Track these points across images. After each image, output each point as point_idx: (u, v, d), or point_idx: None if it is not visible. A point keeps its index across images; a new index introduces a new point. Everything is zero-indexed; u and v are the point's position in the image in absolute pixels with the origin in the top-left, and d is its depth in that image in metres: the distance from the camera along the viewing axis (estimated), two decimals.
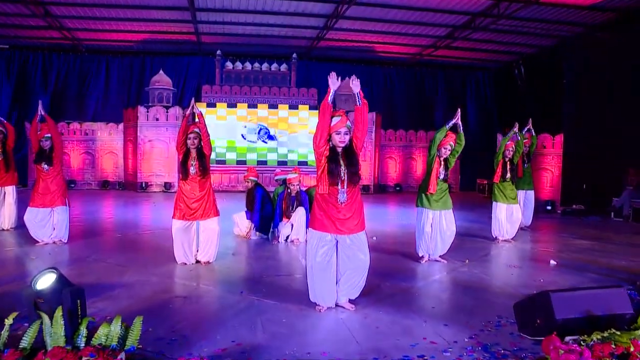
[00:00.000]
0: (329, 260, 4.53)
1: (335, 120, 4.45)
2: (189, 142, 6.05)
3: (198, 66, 19.15)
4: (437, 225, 6.69)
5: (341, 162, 4.45)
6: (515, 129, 8.53)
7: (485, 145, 18.53)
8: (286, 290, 5.31)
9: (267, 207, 8.24)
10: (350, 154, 4.49)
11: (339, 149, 4.49)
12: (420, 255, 6.82)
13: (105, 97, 18.80)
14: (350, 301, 4.74)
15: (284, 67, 18.63)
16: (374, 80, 20.13)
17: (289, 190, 8.07)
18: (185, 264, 6.22)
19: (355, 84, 4.39)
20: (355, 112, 4.46)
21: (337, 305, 4.68)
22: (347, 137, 4.46)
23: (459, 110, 6.56)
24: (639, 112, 11.47)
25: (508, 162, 8.39)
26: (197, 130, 6.03)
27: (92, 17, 14.90)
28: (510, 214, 8.41)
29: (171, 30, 16.27)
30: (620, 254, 7.65)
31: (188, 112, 6.19)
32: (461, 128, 6.55)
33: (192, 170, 6.10)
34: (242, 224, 8.38)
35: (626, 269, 6.69)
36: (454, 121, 6.44)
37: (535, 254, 7.63)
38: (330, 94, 4.32)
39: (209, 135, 6.11)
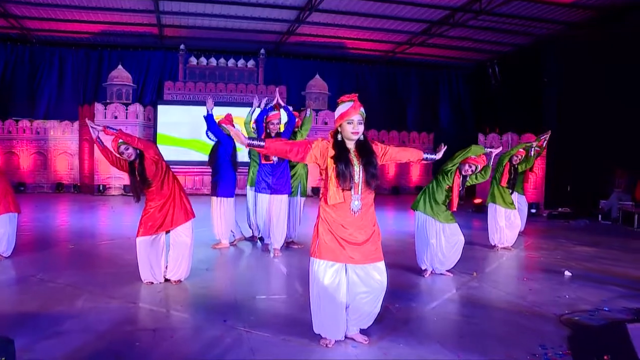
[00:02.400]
0: (339, 282, 3.58)
1: (345, 106, 3.51)
2: (124, 156, 4.92)
3: (160, 61, 17.80)
4: (441, 236, 5.87)
5: (354, 160, 3.51)
6: (534, 143, 8.04)
7: (460, 146, 17.88)
8: (278, 316, 4.34)
9: (230, 171, 7.23)
10: (366, 150, 3.55)
11: (350, 144, 3.55)
12: (422, 268, 5.97)
13: (59, 92, 17.22)
14: (362, 331, 3.82)
15: (251, 63, 17.52)
16: (346, 78, 19.20)
17: (268, 131, 6.91)
18: (152, 283, 5.16)
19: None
20: (414, 152, 3.97)
21: (346, 337, 3.75)
22: (362, 128, 3.52)
23: (501, 148, 6.94)
24: (623, 112, 10.96)
25: (512, 168, 7.70)
26: (121, 141, 4.84)
27: (42, 4, 13.45)
28: (508, 220, 7.70)
29: (131, 21, 14.95)
30: (631, 262, 7.04)
31: (94, 136, 4.99)
32: (491, 162, 6.12)
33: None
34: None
35: None
36: (493, 151, 6.25)
37: (542, 264, 6.86)
38: (245, 140, 3.46)
39: (132, 136, 4.93)
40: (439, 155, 4.07)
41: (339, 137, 3.55)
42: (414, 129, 18.68)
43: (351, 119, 3.47)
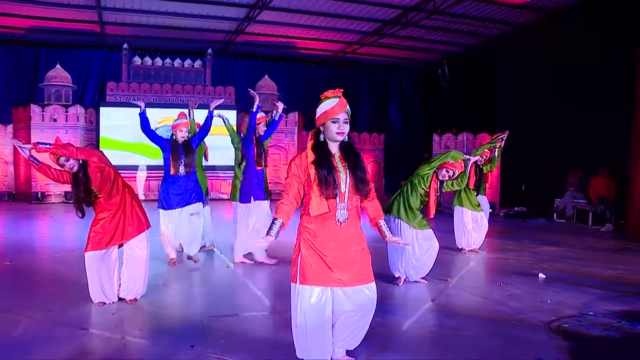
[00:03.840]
0: (325, 301, 3.16)
1: (329, 103, 3.06)
2: (66, 168, 4.31)
3: (102, 61, 16.74)
4: (415, 242, 5.56)
5: (338, 165, 3.10)
6: (497, 144, 7.67)
7: (410, 146, 17.94)
8: (251, 338, 3.88)
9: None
10: (352, 153, 3.15)
11: (334, 147, 3.14)
12: (396, 276, 5.65)
13: None
14: (348, 353, 3.41)
15: (198, 63, 16.87)
16: (295, 79, 18.85)
17: (257, 134, 6.44)
18: (104, 303, 4.58)
19: None
20: (378, 208, 3.34)
21: None
22: (348, 128, 3.10)
23: (481, 158, 7.13)
24: (574, 112, 11.07)
25: (477, 170, 7.51)
26: (59, 155, 4.27)
27: None
28: (475, 222, 7.52)
29: (70, 17, 13.91)
30: (596, 262, 7.01)
31: (25, 156, 4.37)
32: (468, 170, 6.07)
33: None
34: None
35: (619, 279, 6.00)
36: (471, 159, 6.18)
37: (513, 266, 6.66)
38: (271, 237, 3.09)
39: (69, 146, 4.34)
40: (389, 239, 3.37)
41: (321, 137, 3.14)
42: (364, 130, 18.49)
43: (336, 117, 3.05)
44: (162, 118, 15.95)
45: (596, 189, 10.37)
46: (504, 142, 8.37)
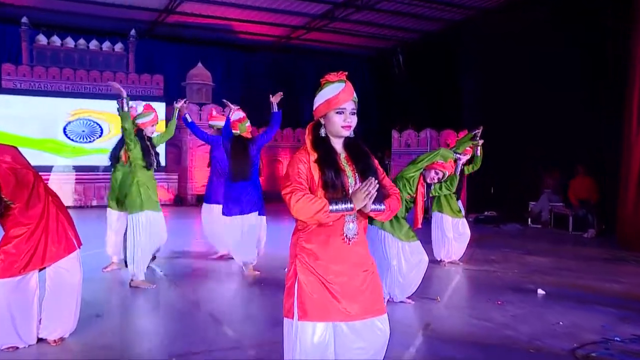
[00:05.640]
0: (329, 340, 2.70)
1: (333, 89, 2.64)
2: None
3: None
4: (401, 257, 5.24)
5: (345, 166, 2.68)
6: (479, 142, 7.34)
7: (364, 141, 17.71)
8: None
9: None
10: (360, 152, 2.74)
11: (338, 143, 2.71)
12: None
13: None
14: None
15: (119, 46, 15.99)
16: (233, 67, 18.32)
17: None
18: (17, 348, 3.86)
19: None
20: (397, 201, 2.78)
21: None
22: (355, 120, 2.68)
23: (466, 157, 6.79)
24: (548, 105, 11.07)
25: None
26: None
27: None
28: (456, 230, 7.30)
29: None
30: (593, 274, 6.91)
31: None
32: (458, 171, 6.03)
33: None
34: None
35: (627, 295, 5.86)
36: (462, 158, 6.20)
37: (504, 281, 6.42)
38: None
39: None
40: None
41: (322, 132, 2.70)
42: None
43: (342, 107, 2.61)
44: (77, 110, 15.01)
45: (577, 191, 10.34)
46: (478, 138, 8.20)
